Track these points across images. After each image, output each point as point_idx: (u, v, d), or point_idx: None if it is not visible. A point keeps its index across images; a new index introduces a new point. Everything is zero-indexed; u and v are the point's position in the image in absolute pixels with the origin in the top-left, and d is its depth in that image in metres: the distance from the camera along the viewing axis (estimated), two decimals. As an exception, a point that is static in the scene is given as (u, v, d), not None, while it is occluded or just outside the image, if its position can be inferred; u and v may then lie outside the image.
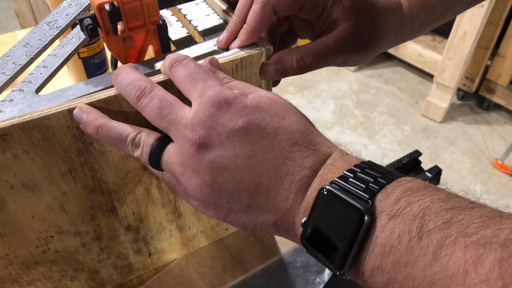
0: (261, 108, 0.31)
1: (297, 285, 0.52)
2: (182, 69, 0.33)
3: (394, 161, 0.99)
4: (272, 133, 0.30)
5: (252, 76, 0.41)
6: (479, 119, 1.98)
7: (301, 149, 0.30)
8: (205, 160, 0.30)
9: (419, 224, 0.25)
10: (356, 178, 0.28)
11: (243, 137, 0.30)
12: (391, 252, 0.25)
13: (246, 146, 0.30)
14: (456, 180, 1.69)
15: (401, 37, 0.44)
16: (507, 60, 1.80)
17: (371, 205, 0.27)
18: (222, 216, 0.32)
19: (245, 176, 0.30)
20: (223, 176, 0.30)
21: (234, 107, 0.30)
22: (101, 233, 0.44)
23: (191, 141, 0.30)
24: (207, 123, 0.30)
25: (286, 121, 0.31)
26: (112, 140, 0.34)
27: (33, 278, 0.43)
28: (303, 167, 0.30)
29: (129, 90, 0.33)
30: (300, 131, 0.31)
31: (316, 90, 2.12)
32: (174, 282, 0.52)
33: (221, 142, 0.30)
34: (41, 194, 0.37)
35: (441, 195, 0.26)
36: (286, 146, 0.30)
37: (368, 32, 0.41)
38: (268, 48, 0.40)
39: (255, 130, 0.30)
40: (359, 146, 1.82)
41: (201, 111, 0.30)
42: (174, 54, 0.35)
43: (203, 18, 0.46)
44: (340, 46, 0.40)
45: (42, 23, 0.45)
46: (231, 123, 0.30)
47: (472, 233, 0.23)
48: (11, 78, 0.39)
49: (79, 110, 0.34)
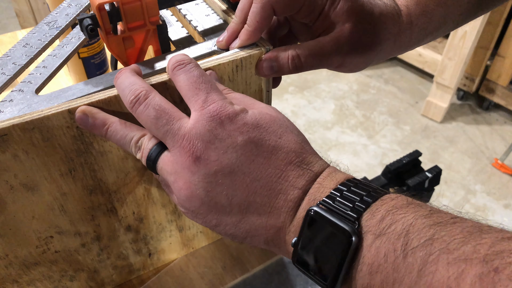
0: (260, 126, 0.31)
1: (297, 285, 0.52)
2: (185, 75, 0.33)
3: (394, 161, 0.99)
4: (269, 151, 0.31)
5: (252, 76, 0.41)
6: (479, 119, 1.98)
7: (295, 168, 0.31)
8: (200, 173, 0.30)
9: (404, 242, 0.25)
10: (343, 197, 0.29)
11: (240, 154, 0.30)
12: (378, 271, 0.26)
13: (243, 163, 0.30)
14: (456, 180, 1.69)
15: (400, 43, 0.44)
16: (507, 60, 1.80)
17: (358, 226, 0.27)
18: (210, 226, 0.33)
19: (238, 193, 0.30)
20: (216, 191, 0.31)
21: (235, 123, 0.31)
22: (101, 233, 0.44)
23: (188, 153, 0.30)
24: (205, 137, 0.30)
25: (283, 140, 0.31)
26: (118, 142, 0.35)
27: (33, 278, 0.43)
28: (295, 187, 0.30)
29: (125, 95, 0.33)
30: (295, 150, 0.31)
31: (316, 90, 2.12)
32: (174, 282, 0.52)
33: (217, 158, 0.30)
34: (41, 195, 0.37)
35: (424, 211, 0.27)
36: (281, 165, 0.31)
37: (365, 35, 0.40)
38: (268, 48, 0.40)
39: (253, 148, 0.30)
40: (359, 146, 1.82)
41: (200, 124, 0.31)
42: (179, 55, 0.35)
43: (203, 18, 0.46)
44: (337, 47, 0.39)
45: (42, 23, 0.45)
46: (230, 139, 0.30)
47: (454, 249, 0.24)
48: (11, 78, 0.39)
49: (83, 115, 0.34)
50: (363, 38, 0.40)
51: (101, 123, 0.34)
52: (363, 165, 1.74)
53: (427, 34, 0.45)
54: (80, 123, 0.34)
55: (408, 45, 0.45)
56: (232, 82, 0.40)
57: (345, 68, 0.42)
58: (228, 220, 0.31)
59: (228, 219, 0.31)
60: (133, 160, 0.40)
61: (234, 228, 0.32)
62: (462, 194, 1.64)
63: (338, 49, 0.40)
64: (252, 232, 0.31)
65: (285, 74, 0.40)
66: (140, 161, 0.40)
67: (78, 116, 0.34)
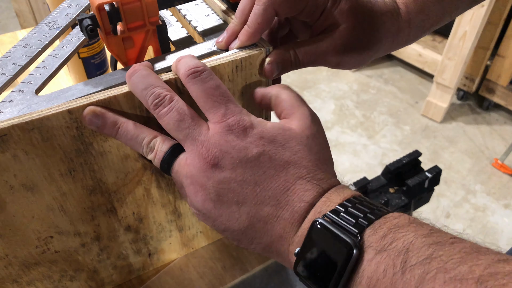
0: (276, 142, 0.33)
1: (297, 285, 0.52)
2: (201, 85, 0.34)
3: (394, 161, 0.99)
4: (281, 166, 0.32)
5: (252, 76, 0.41)
6: (479, 119, 1.98)
7: (304, 183, 0.32)
8: (215, 179, 0.32)
9: (403, 259, 0.26)
10: (347, 212, 0.30)
11: (253, 165, 0.32)
12: (376, 285, 0.27)
13: (255, 174, 0.32)
14: (456, 180, 1.69)
15: (398, 42, 0.44)
16: (507, 60, 1.80)
17: (359, 239, 0.28)
18: (219, 230, 0.34)
19: (248, 201, 0.32)
20: (228, 197, 0.32)
21: (251, 136, 0.32)
22: (100, 233, 0.44)
23: (205, 159, 0.32)
24: (223, 146, 0.32)
25: (297, 156, 0.33)
26: (129, 142, 0.35)
27: (32, 278, 0.43)
28: (303, 201, 0.32)
29: (145, 95, 0.34)
30: (307, 167, 0.33)
31: (316, 90, 2.12)
32: (174, 282, 0.52)
33: (232, 166, 0.32)
34: (40, 195, 0.37)
35: (424, 230, 0.28)
36: (291, 179, 0.32)
37: (365, 35, 0.41)
38: (268, 49, 0.40)
39: (266, 161, 0.32)
40: (359, 146, 1.82)
41: (219, 135, 0.32)
42: (191, 60, 0.35)
43: (202, 19, 0.46)
44: (335, 46, 0.40)
45: (42, 23, 0.45)
46: (245, 151, 0.32)
47: (451, 268, 0.25)
48: (11, 79, 0.39)
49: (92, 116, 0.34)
50: (362, 38, 0.41)
51: (111, 123, 0.35)
52: (363, 165, 1.74)
53: (424, 30, 0.45)
54: (89, 124, 0.34)
55: (406, 42, 0.45)
56: (232, 82, 0.40)
57: (343, 66, 0.42)
58: (235, 226, 0.33)
59: (236, 225, 0.33)
60: (133, 160, 0.40)
61: (241, 234, 0.33)
62: (462, 194, 1.64)
63: (335, 49, 0.40)
64: (257, 240, 0.33)
65: (288, 71, 0.41)
66: (140, 161, 0.40)
67: (88, 118, 0.34)
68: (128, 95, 0.35)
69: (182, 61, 0.35)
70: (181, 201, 0.47)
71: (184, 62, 0.35)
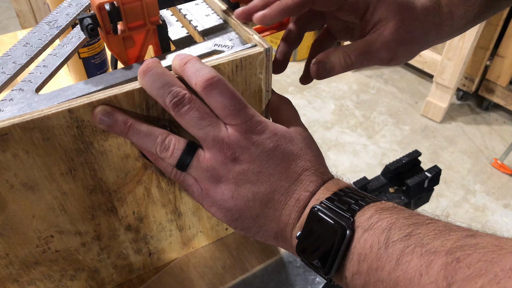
0: (286, 138, 0.37)
1: (297, 284, 0.52)
2: (220, 97, 0.35)
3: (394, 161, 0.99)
4: (291, 159, 0.36)
5: (252, 76, 0.41)
6: (478, 119, 1.98)
7: (309, 174, 0.36)
8: (234, 170, 0.35)
9: (386, 236, 0.30)
10: (341, 200, 0.34)
11: (269, 158, 0.36)
12: (365, 260, 0.31)
13: (270, 166, 0.36)
14: (456, 180, 1.69)
15: (442, 34, 0.45)
16: (507, 60, 1.81)
17: (352, 222, 0.32)
18: (232, 219, 0.37)
19: (262, 190, 0.36)
20: (245, 187, 0.36)
21: (266, 133, 0.36)
22: (101, 232, 0.44)
23: (226, 154, 0.35)
24: (242, 143, 0.35)
25: (303, 152, 0.37)
26: (140, 140, 0.36)
27: (33, 278, 0.43)
28: (307, 190, 0.36)
29: (163, 94, 0.35)
30: (312, 161, 0.37)
31: (316, 90, 2.12)
32: (174, 282, 0.52)
33: (251, 159, 0.35)
34: (41, 194, 0.37)
35: (405, 213, 0.32)
36: (299, 170, 0.36)
37: (412, 28, 0.42)
38: (268, 48, 0.40)
39: (279, 155, 0.36)
40: (359, 146, 1.82)
41: (239, 134, 0.35)
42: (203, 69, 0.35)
43: (203, 18, 0.46)
44: (387, 43, 0.41)
45: (42, 22, 0.45)
46: (262, 146, 0.36)
47: (426, 243, 0.29)
48: (11, 78, 0.39)
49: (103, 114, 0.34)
50: (410, 32, 0.42)
51: (122, 121, 0.35)
52: (363, 165, 1.74)
53: (468, 22, 0.46)
54: (99, 122, 0.34)
55: (450, 34, 0.46)
56: (232, 82, 0.40)
57: (395, 62, 0.43)
58: (248, 214, 0.36)
59: (249, 213, 0.36)
60: (133, 160, 0.40)
61: (251, 222, 0.36)
62: (462, 194, 1.64)
63: (387, 45, 0.41)
64: (265, 227, 0.37)
65: (336, 73, 0.42)
66: (140, 160, 0.40)
67: (99, 117, 0.34)
68: (128, 94, 0.36)
69: (191, 67, 0.35)
70: (182, 200, 0.47)
71: (196, 71, 0.35)
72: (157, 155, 0.36)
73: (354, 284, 0.32)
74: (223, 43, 0.42)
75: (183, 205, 0.48)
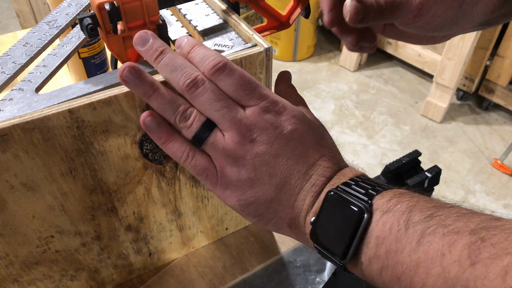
0: (305, 122, 0.36)
1: (297, 284, 0.52)
2: (229, 79, 0.35)
3: (394, 161, 0.99)
4: (309, 144, 0.36)
5: (252, 76, 0.41)
6: (478, 119, 1.98)
7: (326, 160, 0.36)
8: (252, 152, 0.34)
9: (406, 218, 0.29)
10: (358, 185, 0.33)
11: (288, 140, 0.35)
12: (383, 243, 0.29)
13: (287, 149, 0.35)
14: (456, 180, 1.69)
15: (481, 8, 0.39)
16: (507, 60, 1.81)
17: (370, 204, 0.31)
18: (246, 203, 0.35)
19: (279, 173, 0.35)
20: (262, 169, 0.35)
21: (285, 115, 0.35)
22: (101, 233, 0.44)
23: (244, 135, 0.34)
24: (260, 124, 0.34)
25: (321, 137, 0.37)
26: (162, 105, 0.35)
27: (33, 278, 0.43)
28: (323, 176, 0.35)
29: (176, 77, 0.35)
30: (328, 147, 0.37)
31: (316, 90, 2.12)
32: (175, 282, 0.52)
33: (269, 141, 0.34)
34: (41, 194, 0.37)
35: (425, 198, 0.31)
36: (316, 156, 0.35)
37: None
38: (268, 48, 0.40)
39: (298, 137, 0.35)
40: (359, 146, 1.82)
41: (257, 115, 0.35)
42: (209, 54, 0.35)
43: (202, 18, 0.46)
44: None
45: (42, 22, 0.45)
46: (280, 128, 0.35)
47: (449, 224, 0.28)
48: (11, 77, 0.39)
49: (130, 71, 0.34)
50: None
51: (150, 82, 0.35)
52: (363, 165, 1.74)
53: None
54: (125, 77, 0.34)
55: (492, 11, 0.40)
56: (232, 81, 0.40)
57: (421, 19, 0.39)
58: (263, 198, 0.35)
59: (263, 196, 0.35)
60: (133, 160, 0.40)
61: (265, 207, 0.35)
62: (462, 194, 1.64)
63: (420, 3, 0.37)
64: (279, 213, 0.35)
65: (371, 20, 0.38)
66: (140, 161, 0.40)
67: (125, 73, 0.34)
68: (128, 94, 0.36)
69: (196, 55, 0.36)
70: (182, 200, 0.47)
71: (202, 58, 0.35)
72: (176, 124, 0.35)
73: (370, 269, 0.30)
74: (223, 42, 0.42)
75: (183, 205, 0.48)
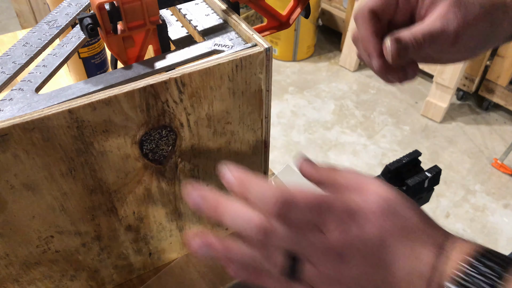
0: (389, 213, 0.31)
1: (297, 284, 0.52)
2: (299, 215, 0.31)
3: (394, 161, 0.99)
4: (409, 238, 0.30)
5: (252, 76, 0.41)
6: (478, 119, 1.98)
7: (430, 249, 0.30)
8: (348, 276, 0.30)
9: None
10: (480, 273, 0.27)
11: (376, 251, 0.30)
12: None
13: (379, 260, 0.30)
14: (456, 180, 1.69)
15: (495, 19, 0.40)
16: (507, 61, 1.81)
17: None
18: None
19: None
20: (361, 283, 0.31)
21: (369, 225, 0.30)
22: (101, 233, 0.44)
23: (333, 260, 0.30)
24: (347, 245, 0.30)
25: (412, 222, 0.31)
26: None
27: (33, 278, 0.43)
28: (426, 263, 0.30)
29: (244, 229, 0.31)
30: (423, 229, 0.31)
31: (316, 90, 2.12)
32: (175, 282, 0.52)
33: (361, 256, 0.30)
34: (41, 194, 0.37)
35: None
36: (417, 246, 0.30)
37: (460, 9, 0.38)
38: (268, 48, 0.40)
39: (389, 242, 0.30)
40: (359, 146, 1.82)
41: (338, 236, 0.30)
42: (264, 193, 0.30)
43: (202, 18, 0.46)
44: (445, 21, 0.37)
45: (42, 22, 0.45)
46: (369, 241, 0.30)
47: None
48: (11, 77, 0.39)
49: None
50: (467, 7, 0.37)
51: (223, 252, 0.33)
52: (363, 165, 1.74)
53: None
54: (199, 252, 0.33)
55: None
56: (232, 81, 0.40)
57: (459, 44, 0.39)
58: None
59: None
60: (133, 160, 0.40)
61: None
62: (462, 194, 1.64)
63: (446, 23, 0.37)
64: None
65: (409, 54, 0.38)
66: (140, 161, 0.40)
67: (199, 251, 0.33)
68: (128, 94, 0.35)
69: (251, 196, 0.31)
70: (182, 200, 0.47)
71: (258, 199, 0.31)
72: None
73: None
74: (223, 42, 0.42)
75: (183, 205, 0.48)
